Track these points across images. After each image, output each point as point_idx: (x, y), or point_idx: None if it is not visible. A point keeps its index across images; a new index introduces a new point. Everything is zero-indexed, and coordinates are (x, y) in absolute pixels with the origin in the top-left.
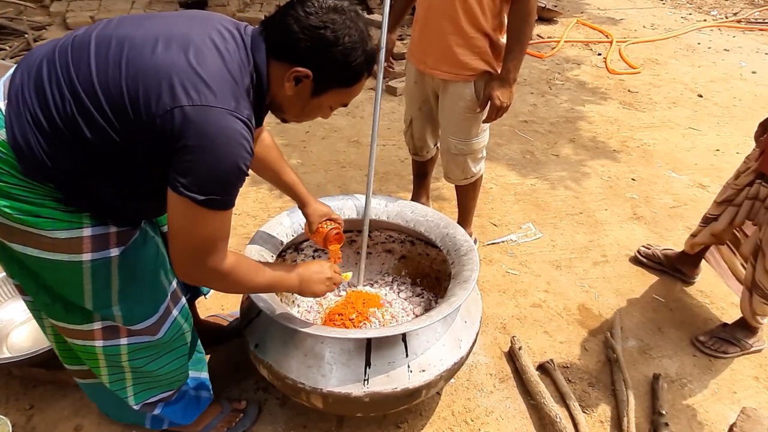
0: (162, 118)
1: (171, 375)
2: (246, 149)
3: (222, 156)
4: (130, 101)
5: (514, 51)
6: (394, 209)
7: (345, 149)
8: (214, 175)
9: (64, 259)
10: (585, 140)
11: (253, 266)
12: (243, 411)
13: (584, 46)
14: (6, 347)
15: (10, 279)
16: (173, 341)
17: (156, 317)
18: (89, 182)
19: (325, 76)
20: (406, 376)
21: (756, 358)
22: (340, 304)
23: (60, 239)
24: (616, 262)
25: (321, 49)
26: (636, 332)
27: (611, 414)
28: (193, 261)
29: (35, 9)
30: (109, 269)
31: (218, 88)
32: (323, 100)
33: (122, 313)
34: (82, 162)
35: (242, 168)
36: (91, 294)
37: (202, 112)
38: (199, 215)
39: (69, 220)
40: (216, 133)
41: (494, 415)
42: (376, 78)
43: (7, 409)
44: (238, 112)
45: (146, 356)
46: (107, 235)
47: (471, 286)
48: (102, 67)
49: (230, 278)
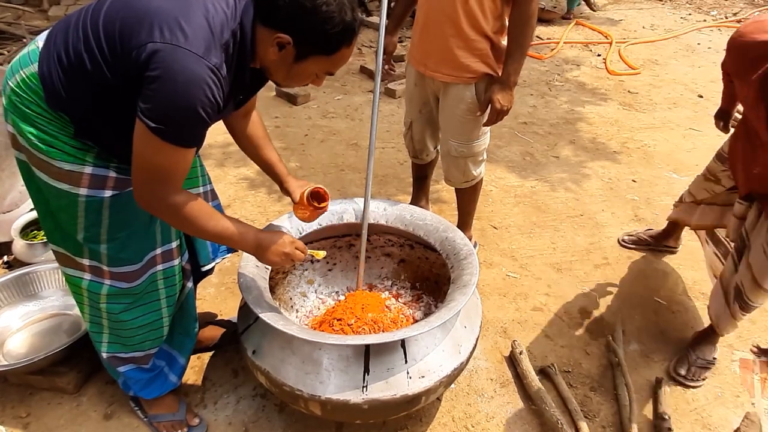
0: (137, 51)
1: (141, 332)
2: (207, 95)
3: (179, 92)
4: (119, 37)
5: (514, 54)
6: (393, 213)
7: (344, 152)
8: (168, 107)
9: (65, 189)
10: (585, 142)
11: (208, 212)
12: (190, 427)
13: (584, 47)
14: (2, 355)
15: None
16: (146, 294)
17: (138, 266)
18: (94, 117)
19: (304, 42)
20: (405, 382)
21: None
22: (338, 307)
23: (64, 170)
24: (617, 264)
25: (299, 16)
26: (638, 336)
27: (613, 419)
28: (145, 186)
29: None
30: (101, 208)
31: (192, 34)
32: (306, 66)
33: (107, 253)
34: (87, 96)
35: (199, 110)
36: (83, 227)
37: (170, 49)
38: (152, 143)
39: (74, 154)
40: (178, 69)
41: (495, 420)
42: (374, 80)
43: (3, 417)
44: (205, 58)
45: (121, 303)
46: (106, 177)
47: (470, 290)
48: (110, 9)
49: (180, 214)
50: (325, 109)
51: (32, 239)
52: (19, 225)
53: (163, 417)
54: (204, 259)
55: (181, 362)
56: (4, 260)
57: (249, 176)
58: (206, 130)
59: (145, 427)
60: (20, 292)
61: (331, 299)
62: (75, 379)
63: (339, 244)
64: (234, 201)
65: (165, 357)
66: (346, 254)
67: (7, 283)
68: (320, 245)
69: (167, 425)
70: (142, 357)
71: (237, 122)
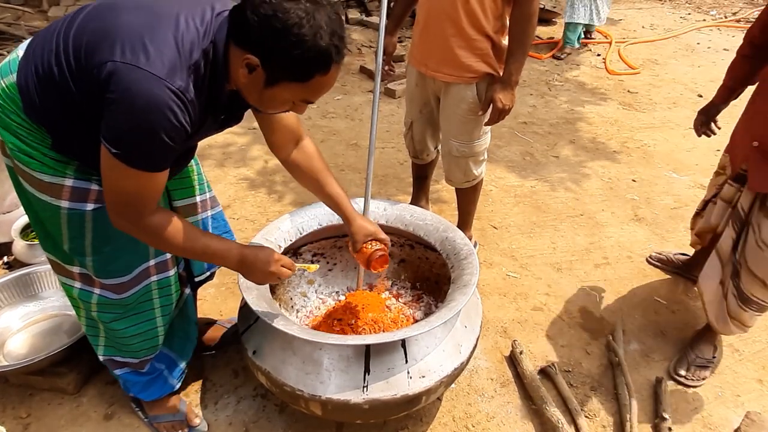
0: (98, 69)
1: (134, 341)
2: (169, 119)
3: (137, 117)
4: (85, 51)
5: (515, 53)
6: (393, 213)
7: (344, 152)
8: (126, 132)
9: (47, 200)
10: (585, 141)
11: (186, 231)
12: (191, 427)
13: (583, 47)
14: (2, 355)
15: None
16: (139, 305)
17: (127, 278)
18: (69, 130)
19: (273, 67)
20: (405, 382)
21: (760, 361)
22: (339, 308)
23: (45, 182)
24: (617, 264)
25: (268, 37)
26: (638, 335)
27: (614, 419)
28: (116, 209)
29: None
30: (83, 221)
31: (155, 54)
32: (277, 92)
33: (93, 265)
34: (58, 108)
35: (161, 136)
36: (68, 238)
37: (129, 70)
38: (116, 167)
39: (54, 167)
40: (136, 93)
41: (495, 420)
42: (374, 80)
43: (3, 417)
44: (168, 80)
45: (111, 313)
46: (88, 190)
47: (471, 290)
48: (82, 21)
49: (155, 236)
50: (325, 109)
51: (32, 240)
52: (19, 225)
53: (164, 417)
54: (198, 269)
55: (180, 365)
56: (4, 261)
57: (249, 176)
58: (174, 153)
59: (145, 427)
60: (20, 293)
61: (332, 299)
62: (75, 380)
63: (339, 244)
64: (234, 201)
65: (165, 360)
66: (346, 254)
67: (7, 283)
68: (320, 245)
69: (168, 426)
70: (137, 363)
71: (288, 155)
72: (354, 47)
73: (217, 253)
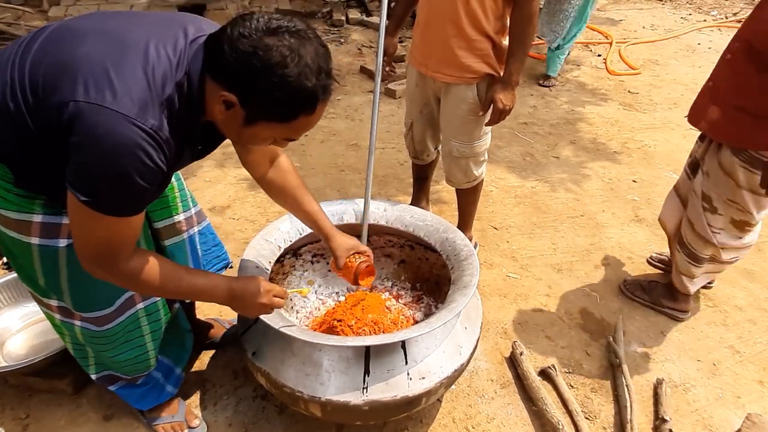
0: (58, 109)
1: (127, 364)
2: (143, 161)
3: (106, 161)
4: (43, 87)
5: (516, 54)
6: (393, 213)
7: (344, 153)
8: (95, 178)
9: (17, 238)
10: (585, 142)
11: (168, 273)
12: (190, 428)
13: (584, 47)
14: (2, 356)
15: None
16: (126, 334)
17: (109, 310)
18: (30, 166)
19: (253, 106)
20: (405, 383)
21: (761, 362)
22: (338, 308)
23: (11, 219)
24: (618, 265)
25: (247, 77)
26: (639, 336)
27: (614, 420)
28: (90, 260)
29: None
30: (56, 258)
31: (122, 91)
32: (257, 131)
33: (72, 300)
34: (17, 143)
35: (134, 179)
36: (42, 275)
37: (93, 111)
38: (88, 216)
39: (18, 203)
40: (102, 135)
41: (495, 421)
42: (375, 81)
43: (2, 418)
44: (138, 120)
45: (99, 344)
46: (59, 225)
47: (471, 291)
48: (38, 52)
49: (135, 282)
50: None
51: None
52: None
53: (163, 419)
54: None
55: (177, 372)
56: (3, 261)
57: (249, 177)
58: (150, 195)
59: (144, 428)
60: (20, 293)
61: (332, 300)
62: (74, 381)
63: None
64: (234, 201)
65: (162, 368)
66: None
67: (7, 284)
68: (320, 246)
69: (167, 427)
70: (131, 379)
71: (262, 173)
72: (354, 47)
73: (204, 290)
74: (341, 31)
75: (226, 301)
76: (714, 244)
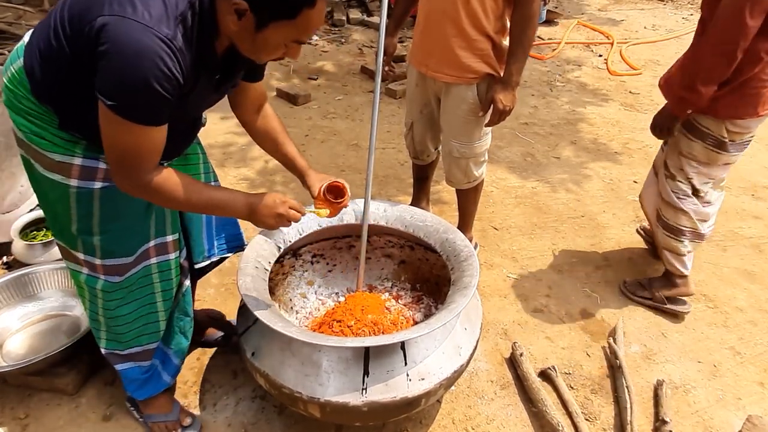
0: (89, 25)
1: (137, 325)
2: (159, 67)
3: (129, 65)
4: (79, 18)
5: (516, 54)
6: (393, 214)
7: (344, 153)
8: (119, 81)
9: (57, 180)
10: (586, 142)
11: (190, 184)
12: (184, 426)
13: (585, 48)
14: (1, 356)
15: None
16: (139, 288)
17: (130, 259)
18: (73, 107)
19: (261, 7)
20: (405, 384)
21: (761, 364)
22: (338, 309)
23: (55, 161)
24: (618, 265)
25: None
26: (639, 337)
27: (614, 421)
28: (117, 167)
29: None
30: (92, 199)
31: (141, 5)
32: (269, 35)
33: (100, 244)
34: (59, 83)
35: (152, 84)
36: (76, 218)
37: (117, 21)
38: (111, 121)
39: (64, 146)
40: (125, 42)
41: (495, 422)
42: (375, 81)
43: (2, 418)
44: (155, 28)
45: (116, 299)
46: (96, 169)
47: (471, 292)
48: None
49: (159, 192)
50: (326, 109)
51: (32, 240)
52: (18, 226)
53: (158, 417)
54: (198, 255)
55: (175, 362)
56: (3, 261)
57: (249, 176)
58: (168, 106)
59: (142, 428)
60: (19, 293)
61: (331, 300)
62: (74, 381)
63: (339, 245)
64: None
65: (160, 355)
66: (346, 255)
67: (6, 283)
68: (320, 246)
69: (162, 426)
70: (141, 353)
71: (250, 117)
72: (355, 47)
73: (222, 203)
74: (342, 30)
75: (244, 213)
76: (683, 209)
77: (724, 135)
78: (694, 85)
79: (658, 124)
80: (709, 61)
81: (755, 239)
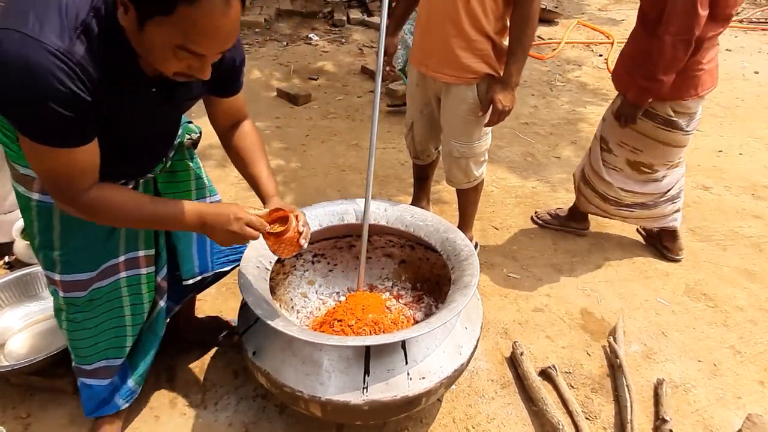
0: None
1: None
2: (53, 86)
3: (18, 85)
4: None
5: (516, 54)
6: (394, 213)
7: (345, 153)
8: (13, 102)
9: (21, 191)
10: (586, 142)
11: (132, 200)
12: None
13: (585, 48)
14: (3, 355)
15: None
16: (109, 302)
17: (92, 274)
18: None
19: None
20: (405, 383)
21: (761, 363)
22: (339, 308)
23: (20, 173)
24: (618, 265)
25: None
26: (639, 336)
27: (614, 420)
28: (52, 191)
29: None
30: (51, 214)
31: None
32: (151, 34)
33: (60, 259)
34: None
35: (49, 105)
36: (38, 231)
37: (4, 35)
38: (29, 145)
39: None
40: (12, 58)
41: (496, 422)
42: (375, 81)
43: (3, 417)
44: (46, 42)
45: (84, 311)
46: None
47: (471, 291)
48: None
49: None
50: (326, 109)
51: None
52: (20, 226)
53: None
54: (186, 272)
55: (131, 386)
56: (5, 261)
57: None
58: (78, 125)
59: (146, 427)
60: (21, 293)
61: (332, 300)
62: (75, 380)
63: (340, 244)
64: (235, 201)
65: (121, 374)
66: (346, 255)
67: (8, 283)
68: (320, 246)
69: None
70: (105, 368)
71: (223, 133)
72: (355, 47)
73: (171, 216)
74: (342, 31)
75: (196, 227)
76: (606, 180)
77: (671, 114)
78: (656, 75)
79: (622, 114)
80: (670, 52)
81: (755, 238)
